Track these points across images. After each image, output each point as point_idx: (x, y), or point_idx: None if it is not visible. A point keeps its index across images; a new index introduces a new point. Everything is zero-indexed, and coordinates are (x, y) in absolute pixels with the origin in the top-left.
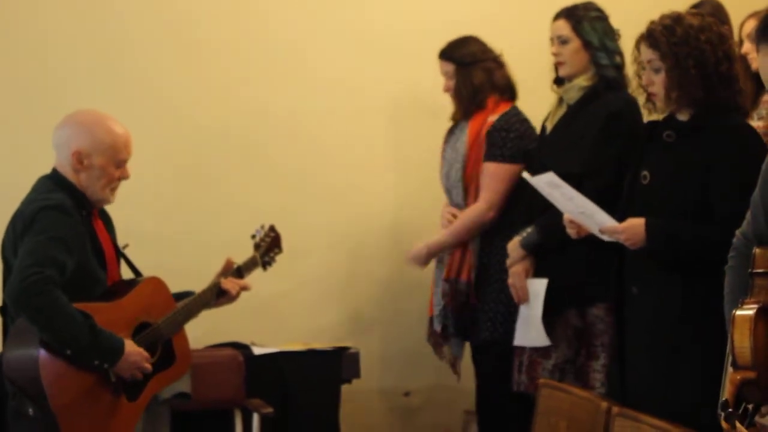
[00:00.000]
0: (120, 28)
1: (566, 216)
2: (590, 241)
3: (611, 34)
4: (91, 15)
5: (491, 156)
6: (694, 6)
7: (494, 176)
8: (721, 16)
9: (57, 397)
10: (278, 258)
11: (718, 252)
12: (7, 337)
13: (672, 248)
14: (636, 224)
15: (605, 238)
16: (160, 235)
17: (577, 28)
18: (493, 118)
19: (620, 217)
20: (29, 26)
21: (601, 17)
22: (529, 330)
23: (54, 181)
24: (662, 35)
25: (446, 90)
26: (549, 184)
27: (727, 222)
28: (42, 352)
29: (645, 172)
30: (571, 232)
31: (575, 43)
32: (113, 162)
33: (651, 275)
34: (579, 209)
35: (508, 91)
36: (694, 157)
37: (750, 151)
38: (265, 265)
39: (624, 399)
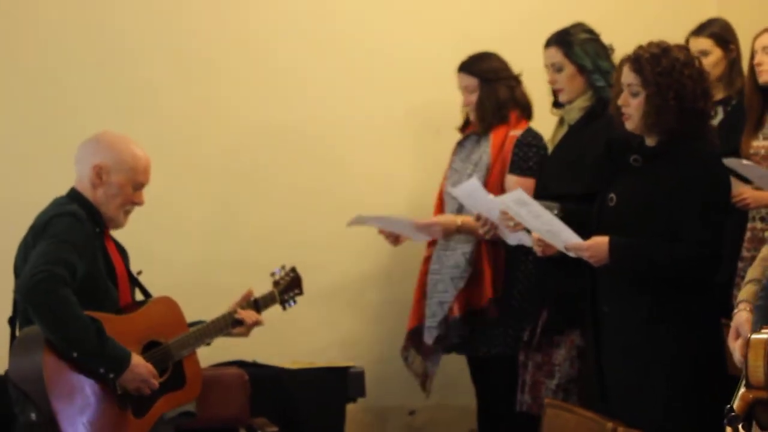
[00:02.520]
0: (126, 52)
1: (534, 234)
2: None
3: (603, 53)
4: (98, 34)
5: (517, 169)
6: (703, 25)
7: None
8: (728, 35)
9: (59, 401)
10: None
11: (681, 270)
12: (13, 344)
13: (634, 265)
14: (600, 242)
15: (571, 254)
16: (169, 254)
17: (569, 54)
18: (516, 132)
19: (589, 237)
20: (35, 42)
21: (592, 38)
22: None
23: (70, 196)
24: (648, 63)
25: (467, 104)
26: (516, 202)
27: (691, 243)
28: (47, 356)
29: (612, 195)
30: (537, 249)
31: (569, 69)
32: (131, 183)
33: (620, 294)
34: (545, 227)
35: (528, 108)
36: (661, 181)
37: (715, 177)
38: (284, 303)
39: (607, 412)
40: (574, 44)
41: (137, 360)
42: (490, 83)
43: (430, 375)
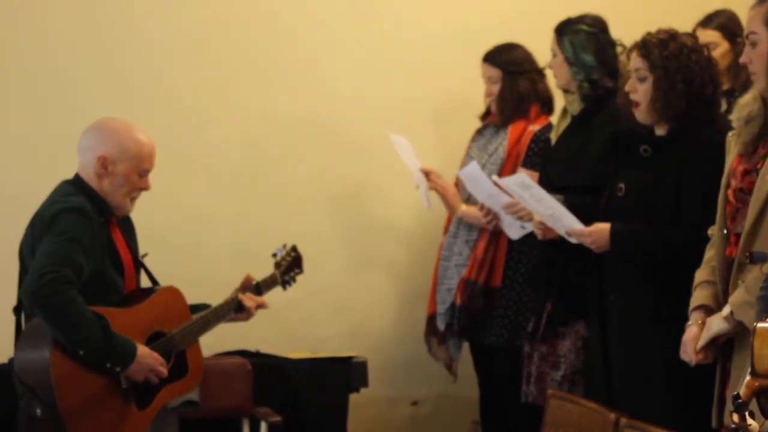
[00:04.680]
0: (133, 41)
1: (535, 218)
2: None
3: (593, 47)
4: (104, 25)
5: (531, 164)
6: (710, 16)
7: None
8: (735, 27)
9: (66, 399)
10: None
11: (684, 256)
12: (19, 337)
13: (635, 252)
14: (601, 228)
15: (573, 240)
16: (173, 243)
17: (559, 42)
18: (534, 127)
19: None
20: (39, 33)
21: (588, 31)
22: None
23: (75, 185)
24: (655, 47)
25: (488, 95)
26: (520, 185)
27: (691, 229)
28: (54, 353)
29: (621, 185)
30: (537, 233)
31: (559, 57)
32: (137, 171)
33: (625, 282)
34: (548, 211)
35: (549, 103)
36: (667, 170)
37: (718, 162)
38: (285, 284)
39: (610, 402)
40: (565, 34)
41: (142, 351)
42: (513, 76)
43: (455, 359)
